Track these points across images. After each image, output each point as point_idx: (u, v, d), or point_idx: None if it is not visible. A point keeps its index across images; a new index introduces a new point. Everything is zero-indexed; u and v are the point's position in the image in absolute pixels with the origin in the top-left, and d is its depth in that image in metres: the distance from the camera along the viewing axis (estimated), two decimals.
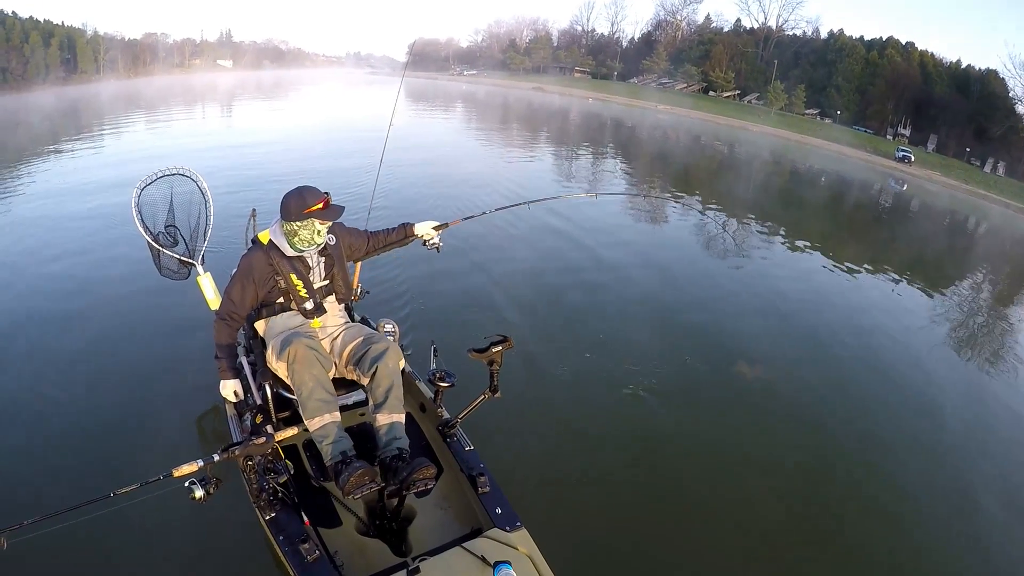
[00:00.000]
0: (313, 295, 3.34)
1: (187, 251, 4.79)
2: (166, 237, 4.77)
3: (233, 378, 3.40)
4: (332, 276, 3.44)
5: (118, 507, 2.48)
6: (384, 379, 3.09)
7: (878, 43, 66.83)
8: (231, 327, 3.36)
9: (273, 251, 3.28)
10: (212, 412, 4.43)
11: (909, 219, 22.46)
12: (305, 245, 3.25)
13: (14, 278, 6.89)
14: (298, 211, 3.13)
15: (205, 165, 12.72)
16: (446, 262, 7.89)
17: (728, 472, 4.69)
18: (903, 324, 8.77)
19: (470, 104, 50.01)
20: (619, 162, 22.32)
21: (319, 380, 2.98)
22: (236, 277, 3.31)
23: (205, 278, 4.59)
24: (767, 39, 75.60)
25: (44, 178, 12.58)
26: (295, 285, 3.30)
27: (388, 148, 5.20)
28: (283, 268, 3.27)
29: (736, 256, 11.68)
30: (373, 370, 3.10)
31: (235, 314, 3.33)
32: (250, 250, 3.36)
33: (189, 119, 30.05)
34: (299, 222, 3.17)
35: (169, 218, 4.83)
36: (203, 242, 4.82)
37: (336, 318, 3.48)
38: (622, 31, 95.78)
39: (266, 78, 79.60)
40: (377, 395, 3.10)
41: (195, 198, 4.89)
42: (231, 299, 3.31)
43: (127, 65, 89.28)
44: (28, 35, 70.40)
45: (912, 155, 47.55)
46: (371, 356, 3.13)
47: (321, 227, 3.23)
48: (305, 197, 3.14)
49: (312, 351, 2.98)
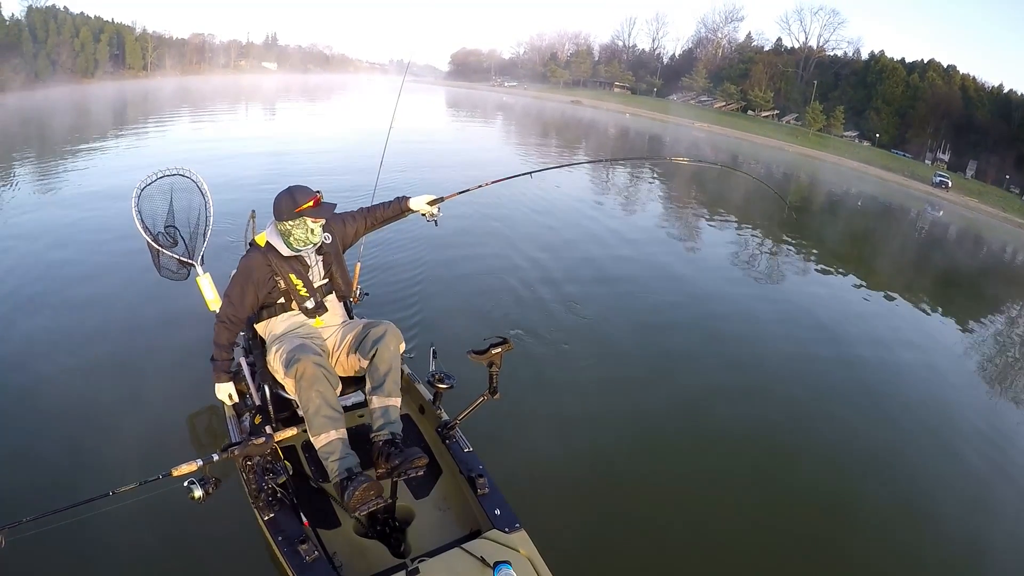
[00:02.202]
0: (313, 294, 3.37)
1: (187, 251, 4.80)
2: (166, 237, 4.79)
3: (227, 381, 3.47)
4: (331, 274, 3.49)
5: (117, 506, 2.50)
6: (383, 362, 3.12)
7: (919, 65, 66.36)
8: (231, 330, 3.40)
9: (271, 252, 3.30)
10: (211, 412, 4.41)
11: (944, 245, 22.04)
12: (301, 244, 3.29)
13: (12, 275, 6.82)
14: (289, 210, 3.18)
15: (242, 169, 13.37)
16: (446, 264, 8.38)
17: (728, 474, 4.71)
18: (932, 353, 8.40)
19: (508, 115, 50.09)
20: (656, 180, 22.57)
21: (325, 398, 2.98)
22: (235, 280, 3.34)
23: (204, 279, 4.61)
24: (807, 59, 75.55)
25: (51, 185, 12.26)
26: (295, 285, 3.33)
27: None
28: (282, 269, 3.30)
29: (760, 271, 11.54)
30: (373, 351, 3.13)
31: (235, 317, 3.36)
32: (248, 253, 3.37)
33: (233, 118, 31.33)
34: (292, 221, 3.21)
35: (169, 218, 4.85)
36: (203, 243, 4.84)
37: (337, 317, 3.51)
38: (663, 47, 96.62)
39: (310, 82, 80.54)
40: (375, 377, 3.12)
41: (195, 198, 4.90)
42: (231, 302, 3.34)
43: (174, 63, 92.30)
44: (79, 30, 73.08)
45: (949, 181, 47.11)
46: (372, 338, 3.17)
47: (314, 225, 3.26)
48: (296, 196, 3.19)
49: (319, 368, 2.98)
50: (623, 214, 15.03)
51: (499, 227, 10.85)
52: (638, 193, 18.83)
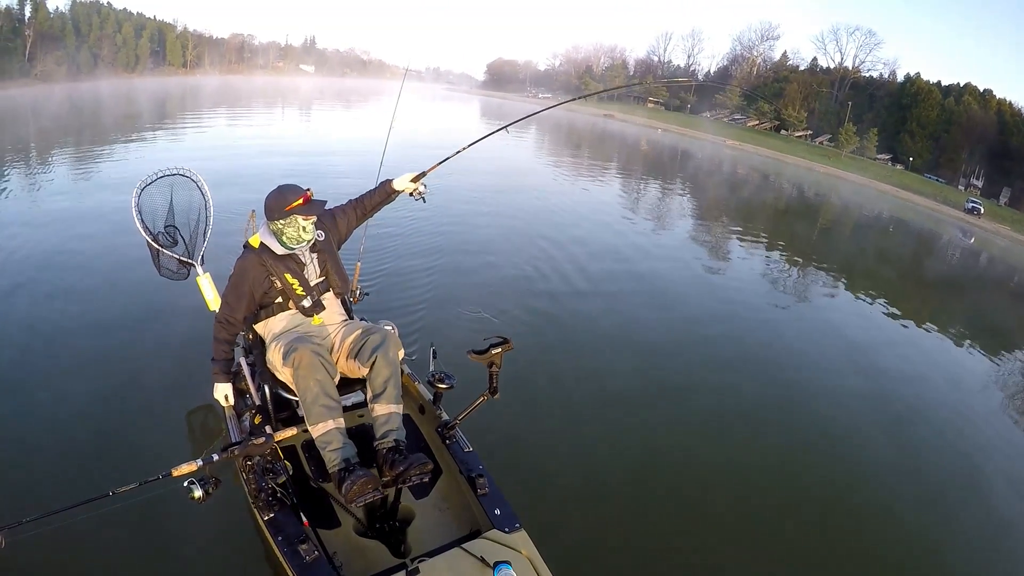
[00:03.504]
0: (310, 292, 3.36)
1: (186, 251, 4.79)
2: (165, 237, 4.77)
3: (226, 382, 3.50)
4: (327, 271, 3.47)
5: (117, 506, 2.49)
6: (383, 369, 3.11)
7: (955, 89, 65.72)
8: (229, 331, 3.41)
9: (265, 253, 3.30)
10: (212, 412, 4.36)
11: (975, 274, 21.89)
12: (294, 243, 3.30)
13: (11, 273, 6.69)
14: (280, 209, 3.20)
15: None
16: (446, 265, 8.49)
17: (728, 476, 4.74)
18: (957, 385, 7.98)
19: (542, 127, 49.87)
20: (687, 195, 22.32)
21: (323, 386, 2.98)
22: (231, 282, 3.35)
23: (204, 279, 4.62)
24: (842, 80, 75.16)
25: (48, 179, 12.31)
26: (291, 284, 3.31)
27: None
28: (276, 269, 3.29)
29: (781, 287, 11.50)
30: (373, 359, 3.11)
31: (232, 318, 3.37)
32: (242, 255, 3.37)
33: (269, 118, 32.26)
34: (283, 220, 3.23)
35: (169, 218, 4.83)
36: (203, 243, 4.82)
37: (336, 315, 3.49)
38: (698, 64, 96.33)
39: (347, 86, 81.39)
40: (376, 385, 3.11)
41: (195, 198, 4.89)
42: (228, 303, 3.36)
43: (213, 62, 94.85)
44: (121, 25, 75.04)
45: (982, 207, 46.32)
46: (371, 345, 3.15)
47: (305, 223, 3.28)
48: (285, 195, 3.20)
49: (317, 356, 2.99)
50: (631, 215, 15.37)
51: (501, 230, 11.12)
52: (660, 203, 18.89)
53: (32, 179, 12.15)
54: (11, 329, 5.46)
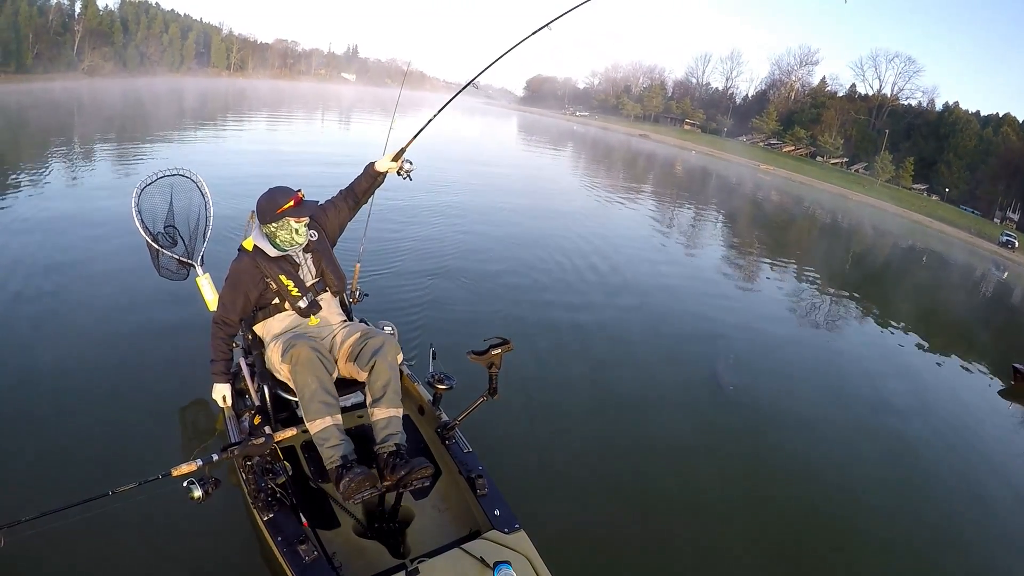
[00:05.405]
0: (306, 293, 3.35)
1: (186, 252, 4.78)
2: (165, 237, 4.76)
3: (225, 383, 3.48)
4: (323, 271, 3.46)
5: (116, 506, 2.48)
6: (382, 373, 3.08)
7: (994, 119, 64.86)
8: (226, 332, 3.41)
9: (259, 255, 3.30)
10: (211, 412, 4.34)
11: (1010, 310, 21.06)
12: (288, 245, 3.30)
13: (10, 273, 6.56)
14: (272, 212, 3.20)
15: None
16: (446, 266, 8.61)
17: (728, 478, 4.80)
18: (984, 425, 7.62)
19: (579, 144, 49.68)
20: (720, 219, 21.96)
21: (321, 382, 2.96)
22: (227, 285, 3.36)
23: (204, 279, 4.60)
24: (880, 107, 74.53)
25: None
26: (286, 285, 3.30)
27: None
28: (271, 271, 3.29)
29: (795, 306, 11.47)
30: (372, 363, 3.09)
31: (229, 319, 3.37)
32: (236, 258, 3.38)
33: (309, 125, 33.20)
34: (275, 223, 3.23)
35: (169, 218, 4.81)
36: (202, 243, 4.81)
37: (334, 315, 3.48)
38: (736, 87, 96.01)
39: (388, 95, 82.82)
40: (375, 389, 3.09)
41: (195, 199, 4.87)
42: (224, 306, 3.36)
43: (256, 67, 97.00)
44: (168, 26, 76.85)
45: (1016, 241, 45.79)
46: (370, 350, 3.12)
47: (297, 225, 3.26)
48: (276, 198, 3.20)
49: (315, 352, 2.98)
50: (633, 223, 15.72)
51: (504, 232, 11.42)
52: (680, 219, 18.98)
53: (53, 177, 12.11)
54: (11, 328, 5.43)
